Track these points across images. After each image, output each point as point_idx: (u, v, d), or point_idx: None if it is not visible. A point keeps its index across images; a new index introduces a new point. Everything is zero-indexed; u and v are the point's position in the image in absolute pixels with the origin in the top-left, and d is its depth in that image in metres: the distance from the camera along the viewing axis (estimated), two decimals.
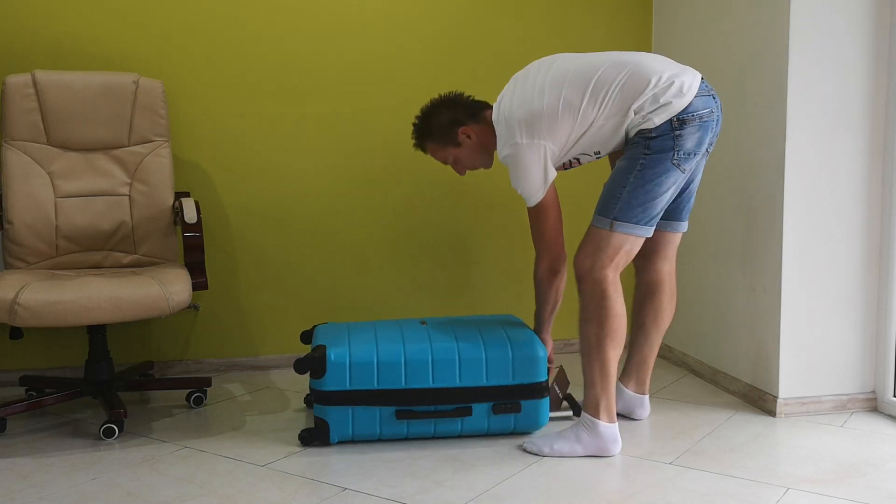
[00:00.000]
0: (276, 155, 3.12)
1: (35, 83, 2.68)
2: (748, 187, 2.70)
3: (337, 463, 2.18)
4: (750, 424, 2.49)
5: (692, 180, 2.35)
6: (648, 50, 3.38)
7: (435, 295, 3.30)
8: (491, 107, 2.37)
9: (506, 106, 2.26)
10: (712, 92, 2.22)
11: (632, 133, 2.19)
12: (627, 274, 2.44)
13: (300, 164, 3.14)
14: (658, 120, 2.13)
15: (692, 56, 3.02)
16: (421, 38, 3.19)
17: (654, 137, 2.14)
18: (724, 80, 2.80)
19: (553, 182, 2.24)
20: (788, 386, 2.58)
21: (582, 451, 2.20)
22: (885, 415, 2.58)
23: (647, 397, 2.53)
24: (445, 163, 2.48)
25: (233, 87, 3.06)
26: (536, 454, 2.23)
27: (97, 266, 2.75)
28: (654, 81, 2.15)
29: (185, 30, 3.00)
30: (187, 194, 2.89)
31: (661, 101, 2.13)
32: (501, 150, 2.27)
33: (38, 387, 2.75)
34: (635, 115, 2.16)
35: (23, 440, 2.39)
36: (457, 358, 2.30)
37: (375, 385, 2.27)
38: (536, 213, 2.28)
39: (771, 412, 2.59)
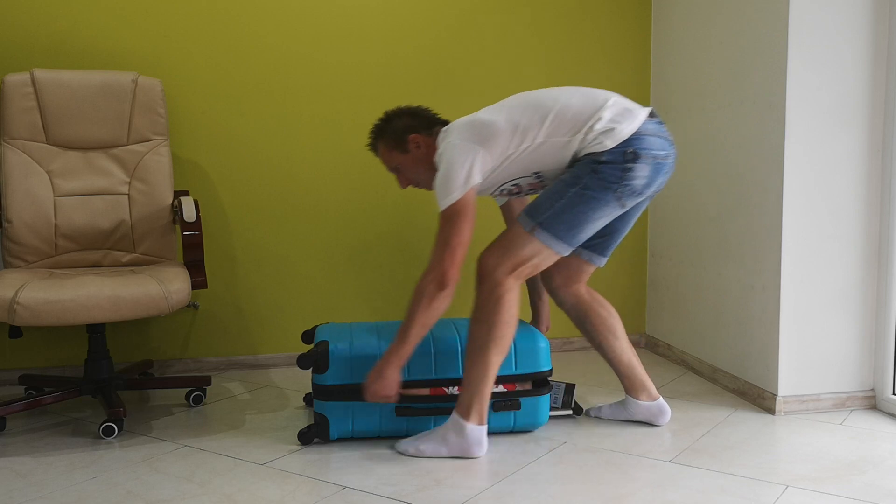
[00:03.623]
0: (275, 154, 3.12)
1: (34, 82, 2.68)
2: (747, 186, 2.71)
3: (337, 461, 2.18)
4: (749, 422, 2.50)
5: (629, 221, 2.33)
6: (647, 49, 3.39)
7: None
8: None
9: (453, 122, 2.25)
10: (670, 137, 2.19)
11: (580, 154, 2.15)
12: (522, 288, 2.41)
13: (300, 163, 3.14)
14: (609, 143, 2.09)
15: (691, 56, 3.03)
16: (420, 41, 3.20)
17: (603, 162, 2.10)
18: (723, 79, 2.81)
19: (473, 196, 2.14)
20: (787, 384, 2.58)
21: (447, 453, 2.19)
22: (884, 412, 2.59)
23: (661, 400, 2.47)
24: (390, 168, 2.38)
25: (233, 87, 3.06)
26: (403, 454, 2.22)
27: (96, 265, 2.75)
28: (609, 102, 2.14)
29: (184, 29, 3.00)
30: (186, 193, 2.88)
31: (613, 124, 2.10)
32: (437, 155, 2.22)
33: (37, 385, 2.75)
34: (584, 136, 2.12)
35: (22, 439, 2.39)
36: (459, 349, 2.31)
37: None
38: (446, 219, 2.12)
39: (770, 410, 2.60)
